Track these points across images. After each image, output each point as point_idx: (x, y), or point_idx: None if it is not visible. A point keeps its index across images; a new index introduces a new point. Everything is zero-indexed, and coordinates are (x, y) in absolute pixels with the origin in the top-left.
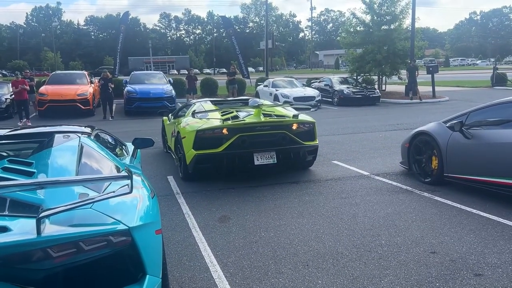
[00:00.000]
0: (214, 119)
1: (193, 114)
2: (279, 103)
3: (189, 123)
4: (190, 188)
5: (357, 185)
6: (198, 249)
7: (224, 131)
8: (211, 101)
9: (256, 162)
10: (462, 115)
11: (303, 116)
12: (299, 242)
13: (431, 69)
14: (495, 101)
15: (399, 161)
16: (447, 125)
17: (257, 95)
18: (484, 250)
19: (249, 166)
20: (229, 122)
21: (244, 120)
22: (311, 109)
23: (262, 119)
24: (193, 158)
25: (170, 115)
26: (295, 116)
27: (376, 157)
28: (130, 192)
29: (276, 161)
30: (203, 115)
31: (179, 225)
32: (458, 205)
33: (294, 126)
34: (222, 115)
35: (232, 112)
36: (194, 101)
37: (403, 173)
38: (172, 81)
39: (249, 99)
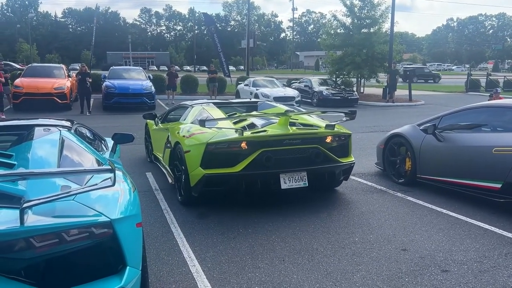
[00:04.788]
0: (226, 129)
1: (201, 122)
2: (303, 110)
3: (195, 133)
4: (168, 185)
5: None
6: (176, 244)
7: (243, 145)
8: (214, 103)
9: (283, 186)
10: (435, 119)
11: (338, 127)
12: (276, 238)
13: (408, 73)
14: (466, 106)
15: (375, 162)
16: (421, 128)
17: (237, 94)
18: (451, 248)
19: (274, 190)
20: (248, 133)
21: (266, 130)
22: (343, 119)
23: (290, 130)
24: (201, 179)
25: (156, 118)
26: (329, 126)
27: None
28: (113, 185)
29: (307, 184)
30: (211, 124)
31: (157, 220)
32: (429, 205)
33: (328, 139)
34: (234, 123)
35: (246, 119)
36: (189, 102)
37: (378, 173)
38: (151, 77)
39: (257, 101)
